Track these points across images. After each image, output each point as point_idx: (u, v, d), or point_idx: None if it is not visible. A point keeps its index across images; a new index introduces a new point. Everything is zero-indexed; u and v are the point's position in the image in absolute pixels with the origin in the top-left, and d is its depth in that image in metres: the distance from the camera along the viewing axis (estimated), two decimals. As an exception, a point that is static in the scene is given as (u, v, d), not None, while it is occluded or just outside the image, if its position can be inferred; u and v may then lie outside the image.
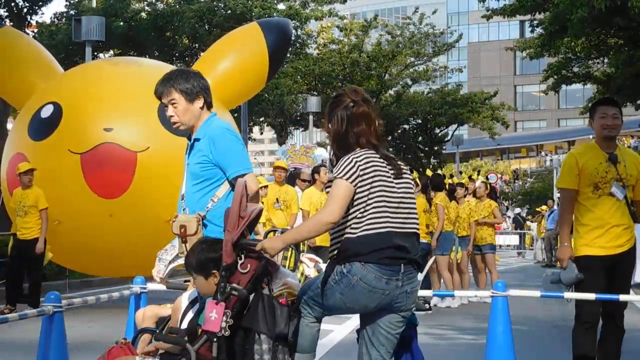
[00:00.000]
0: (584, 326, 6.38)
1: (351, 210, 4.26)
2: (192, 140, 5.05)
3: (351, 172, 4.25)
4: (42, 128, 11.58)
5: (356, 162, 4.27)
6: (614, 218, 6.33)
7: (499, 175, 53.07)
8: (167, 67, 13.70)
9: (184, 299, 5.06)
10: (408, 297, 4.33)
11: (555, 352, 8.91)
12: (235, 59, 12.35)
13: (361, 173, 4.26)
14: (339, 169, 4.28)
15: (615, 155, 6.47)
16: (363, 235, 4.23)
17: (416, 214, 4.41)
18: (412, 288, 4.34)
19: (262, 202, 11.94)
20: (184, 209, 4.98)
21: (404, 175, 4.38)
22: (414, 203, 4.41)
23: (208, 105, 5.12)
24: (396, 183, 4.33)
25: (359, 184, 4.25)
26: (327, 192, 4.32)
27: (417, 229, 4.40)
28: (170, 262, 5.15)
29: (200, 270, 4.48)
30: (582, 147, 6.86)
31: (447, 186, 13.97)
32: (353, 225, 4.25)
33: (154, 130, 11.38)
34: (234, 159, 4.91)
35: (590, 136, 77.21)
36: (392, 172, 4.33)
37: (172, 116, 5.06)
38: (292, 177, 25.37)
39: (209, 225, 4.88)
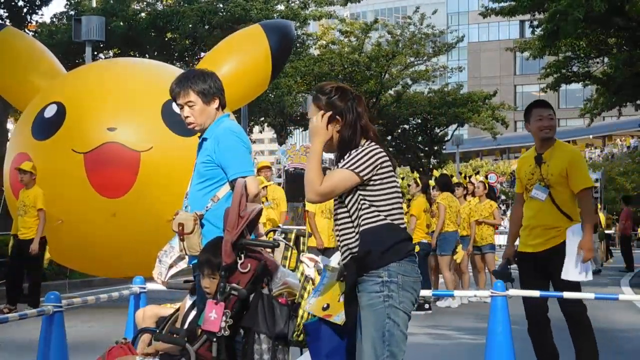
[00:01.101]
0: (534, 323, 6.66)
1: (372, 201, 4.08)
2: (200, 140, 5.08)
3: (366, 164, 4.06)
4: (45, 128, 11.58)
5: (375, 153, 4.11)
6: (536, 219, 6.56)
7: (497, 176, 53.00)
8: (169, 67, 13.72)
9: (189, 300, 5.07)
10: None
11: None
12: (238, 61, 12.34)
13: (379, 164, 4.10)
14: (356, 160, 4.06)
15: (540, 156, 6.61)
16: (384, 224, 4.07)
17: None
18: None
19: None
20: (186, 207, 5.00)
21: (396, 170, 4.36)
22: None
23: (222, 106, 5.15)
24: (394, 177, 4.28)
25: (374, 175, 4.07)
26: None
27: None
28: (171, 266, 5.15)
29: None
30: (528, 151, 7.02)
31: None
32: (372, 216, 4.08)
33: (157, 129, 11.38)
34: (235, 160, 4.92)
35: (591, 136, 76.74)
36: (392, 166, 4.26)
37: (188, 117, 5.06)
38: (291, 176, 25.39)
39: (206, 224, 4.89)
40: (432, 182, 13.90)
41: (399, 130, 42.25)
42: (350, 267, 4.09)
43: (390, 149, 42.52)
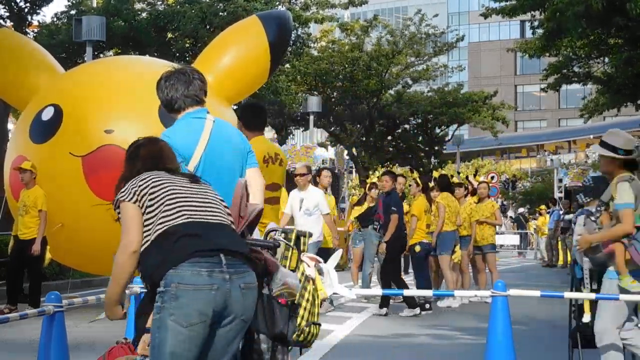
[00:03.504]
0: None
1: (149, 220, 4.06)
2: None
3: (132, 192, 4.12)
4: (43, 131, 11.54)
5: (136, 179, 4.18)
6: None
7: (498, 177, 53.03)
8: (165, 64, 13.61)
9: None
10: (244, 295, 3.94)
11: (555, 352, 8.92)
12: (236, 54, 12.22)
13: (143, 187, 4.11)
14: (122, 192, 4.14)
15: None
16: (156, 235, 3.95)
17: (223, 208, 4.15)
18: (245, 283, 3.96)
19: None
20: None
21: (202, 183, 4.24)
22: (219, 200, 4.20)
23: (168, 109, 5.18)
24: (190, 185, 4.16)
25: (144, 199, 4.08)
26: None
27: (225, 221, 4.09)
28: None
29: None
30: None
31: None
32: (147, 236, 4.01)
33: (155, 130, 11.20)
34: None
35: (591, 136, 76.82)
36: (183, 180, 4.18)
37: None
38: (292, 176, 25.38)
39: None
40: (431, 184, 13.93)
41: (399, 130, 42.26)
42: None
43: (391, 149, 42.61)
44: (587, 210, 6.57)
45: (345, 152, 38.64)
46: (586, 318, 6.50)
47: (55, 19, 26.88)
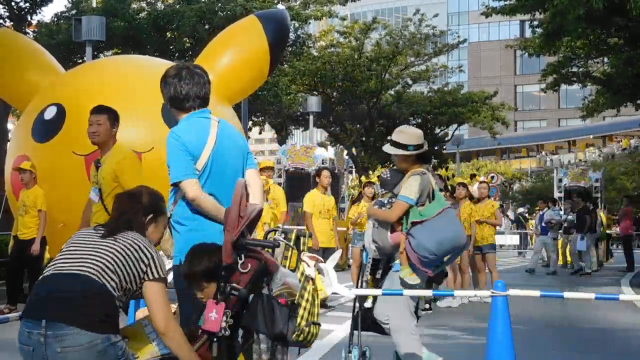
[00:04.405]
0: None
1: None
2: None
3: None
4: (45, 130, 11.52)
5: None
6: (94, 221, 7.16)
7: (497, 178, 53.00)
8: (165, 64, 13.60)
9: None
10: (63, 358, 3.81)
11: (555, 352, 8.92)
12: (235, 54, 12.23)
13: None
14: None
15: (99, 160, 7.39)
16: None
17: (99, 261, 4.01)
18: (63, 347, 3.81)
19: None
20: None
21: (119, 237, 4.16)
22: (107, 251, 4.08)
23: (175, 108, 5.13)
24: (90, 239, 4.17)
25: None
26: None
27: (84, 272, 3.96)
28: (170, 270, 5.17)
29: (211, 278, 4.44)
30: None
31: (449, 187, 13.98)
32: None
33: (158, 129, 11.25)
34: (170, 163, 4.92)
35: (591, 136, 76.74)
36: (96, 234, 4.18)
37: None
38: (291, 176, 25.35)
39: (172, 229, 5.01)
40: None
41: (399, 130, 42.24)
42: None
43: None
44: (380, 201, 6.79)
45: (345, 152, 38.64)
46: (368, 303, 6.77)
47: (55, 19, 26.89)
